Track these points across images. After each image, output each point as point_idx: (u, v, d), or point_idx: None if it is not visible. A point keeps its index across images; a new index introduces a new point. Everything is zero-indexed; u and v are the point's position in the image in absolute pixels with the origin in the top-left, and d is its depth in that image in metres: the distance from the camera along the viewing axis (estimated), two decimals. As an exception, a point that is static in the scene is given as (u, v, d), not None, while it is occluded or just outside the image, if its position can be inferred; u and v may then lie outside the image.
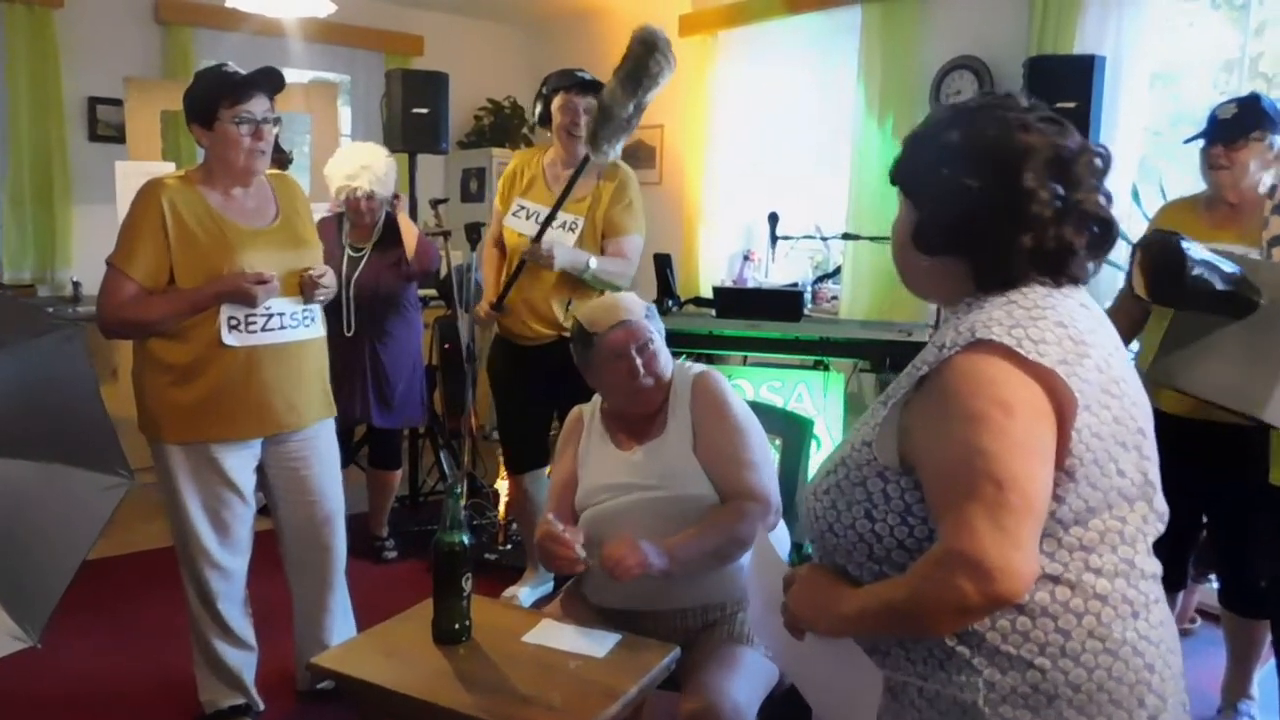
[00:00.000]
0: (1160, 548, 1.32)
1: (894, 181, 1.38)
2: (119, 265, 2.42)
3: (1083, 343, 1.24)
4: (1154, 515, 1.30)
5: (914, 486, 1.26)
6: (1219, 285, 2.30)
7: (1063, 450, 1.20)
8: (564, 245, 3.22)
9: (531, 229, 3.29)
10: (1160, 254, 2.33)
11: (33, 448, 1.77)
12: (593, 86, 3.31)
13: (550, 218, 3.24)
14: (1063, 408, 1.20)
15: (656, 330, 2.27)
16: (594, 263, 3.23)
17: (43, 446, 1.78)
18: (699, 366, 2.34)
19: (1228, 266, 2.31)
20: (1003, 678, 1.23)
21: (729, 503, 2.10)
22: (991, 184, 1.24)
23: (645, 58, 3.03)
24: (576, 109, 3.29)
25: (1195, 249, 2.30)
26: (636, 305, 2.27)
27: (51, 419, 1.81)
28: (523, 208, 3.37)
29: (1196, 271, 2.27)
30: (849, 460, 1.34)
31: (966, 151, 1.27)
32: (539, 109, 3.45)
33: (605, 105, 3.11)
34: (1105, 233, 1.30)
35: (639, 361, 2.19)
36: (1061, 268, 1.28)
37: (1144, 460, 1.28)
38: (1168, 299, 2.41)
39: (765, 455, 2.22)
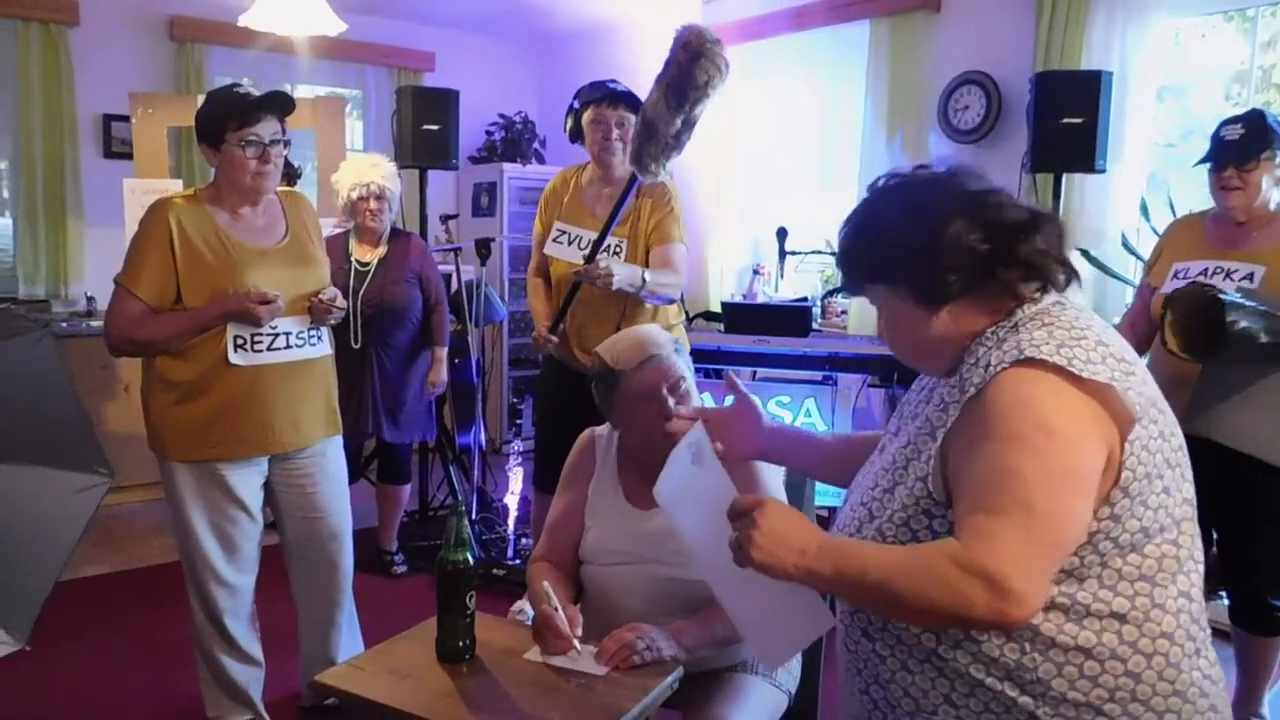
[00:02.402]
0: None
1: (857, 286, 1.42)
2: (125, 284, 2.44)
3: (1125, 360, 1.23)
4: (1199, 536, 1.27)
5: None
6: (1264, 337, 2.19)
7: (1119, 466, 1.17)
8: (619, 264, 3.05)
9: (575, 255, 3.15)
10: (1197, 309, 2.23)
11: (6, 450, 1.76)
12: (626, 98, 3.15)
13: (600, 241, 3.06)
14: (1120, 424, 1.18)
15: (687, 367, 2.07)
16: (648, 275, 3.04)
17: (16, 449, 1.77)
18: None
19: (1266, 310, 2.22)
20: None
21: None
22: (964, 219, 1.28)
23: (690, 65, 2.69)
24: (608, 123, 3.13)
25: (1231, 296, 2.20)
26: (665, 339, 2.06)
27: (24, 421, 1.80)
28: (563, 232, 3.23)
29: (1241, 325, 2.17)
30: (893, 499, 1.30)
31: (919, 211, 1.32)
32: (570, 123, 3.27)
33: (649, 120, 2.82)
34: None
35: (670, 402, 1.98)
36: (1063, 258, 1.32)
37: (1184, 481, 1.27)
38: (1206, 355, 2.31)
39: None
